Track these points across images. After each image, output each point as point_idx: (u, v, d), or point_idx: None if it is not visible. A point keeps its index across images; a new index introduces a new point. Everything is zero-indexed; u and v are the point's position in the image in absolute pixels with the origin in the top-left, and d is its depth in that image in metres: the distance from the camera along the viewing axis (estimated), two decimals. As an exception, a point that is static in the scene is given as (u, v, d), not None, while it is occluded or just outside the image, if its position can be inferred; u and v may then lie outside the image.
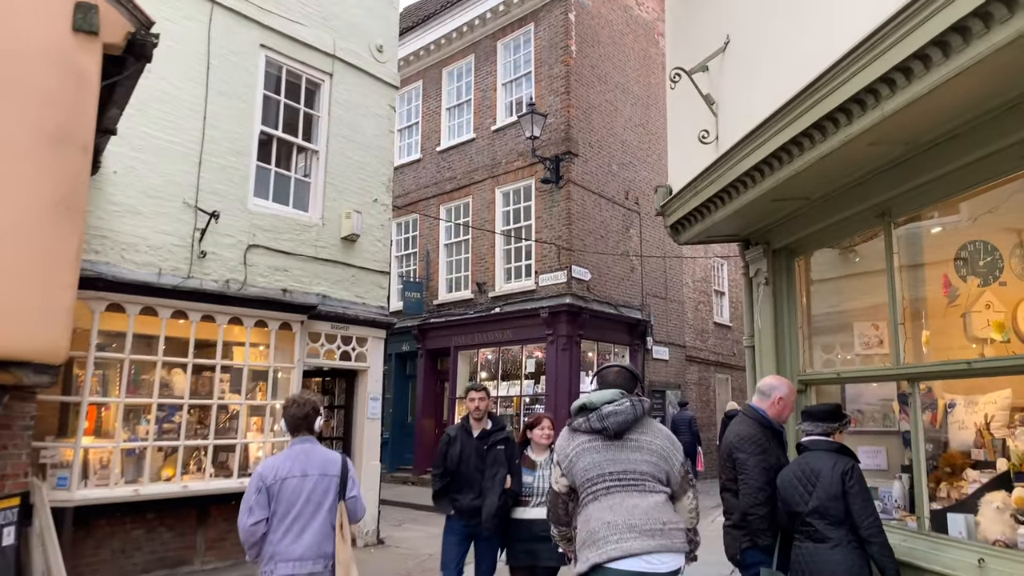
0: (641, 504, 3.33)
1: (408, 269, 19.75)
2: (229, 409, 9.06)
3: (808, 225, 5.29)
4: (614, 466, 3.42)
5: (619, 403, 3.50)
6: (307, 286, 9.97)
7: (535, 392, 16.39)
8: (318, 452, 4.13)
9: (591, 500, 3.41)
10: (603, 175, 17.31)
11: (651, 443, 3.50)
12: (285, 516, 3.91)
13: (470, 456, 5.82)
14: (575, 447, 3.53)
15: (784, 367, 5.62)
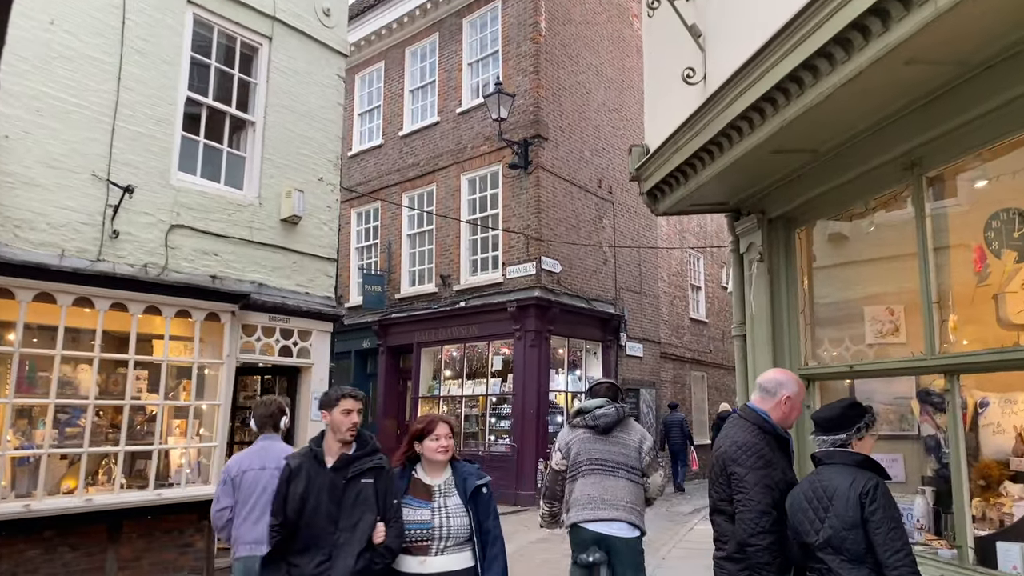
0: (613, 485, 4.63)
1: (369, 261, 18.67)
2: (147, 411, 7.97)
3: (812, 186, 4.37)
4: (599, 455, 4.73)
5: (607, 408, 4.90)
6: (240, 273, 8.89)
7: (502, 391, 15.41)
8: (277, 447, 4.73)
9: (580, 476, 4.74)
10: (575, 161, 16.37)
11: (628, 439, 4.83)
12: (245, 504, 4.51)
13: (320, 497, 3.58)
14: (573, 437, 4.95)
15: (782, 359, 4.70)
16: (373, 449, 3.77)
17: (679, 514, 13.59)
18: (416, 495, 3.63)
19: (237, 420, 9.79)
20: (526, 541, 10.94)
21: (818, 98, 3.30)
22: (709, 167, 4.33)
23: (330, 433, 3.76)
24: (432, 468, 3.71)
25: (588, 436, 4.83)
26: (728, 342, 22.96)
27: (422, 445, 3.69)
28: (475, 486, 3.63)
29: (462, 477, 3.68)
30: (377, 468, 3.69)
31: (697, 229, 21.94)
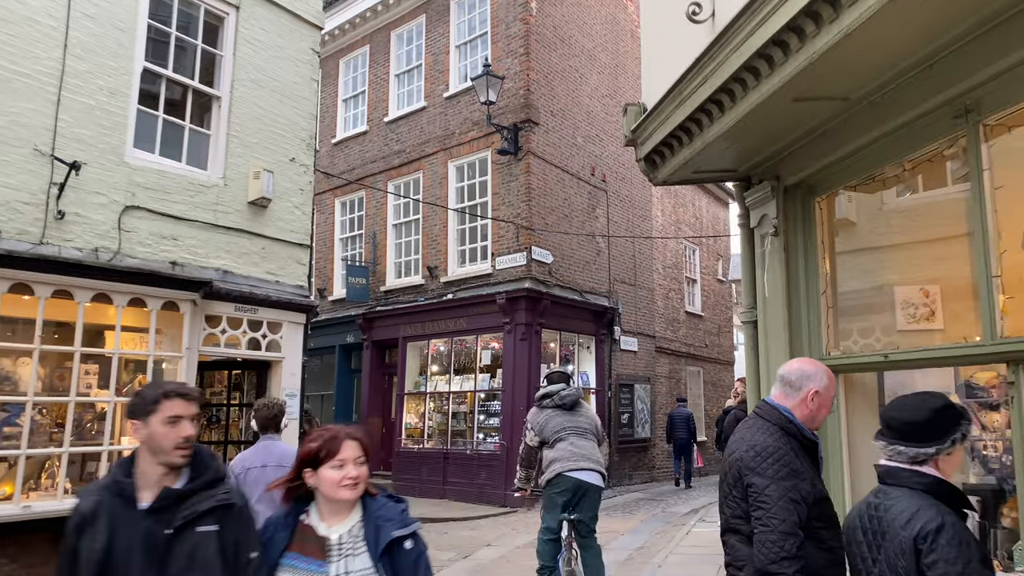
0: (587, 444, 5.95)
1: (353, 252, 17.99)
2: (97, 408, 7.30)
3: (839, 145, 3.73)
4: (571, 423, 5.98)
5: (569, 389, 6.23)
6: (204, 259, 8.22)
7: (491, 387, 14.75)
8: (278, 447, 4.98)
9: (559, 440, 5.89)
10: (567, 147, 15.71)
11: (587, 412, 6.33)
12: None
13: (131, 559, 2.31)
14: (546, 416, 6.14)
15: (800, 348, 4.06)
16: (216, 477, 2.44)
17: (675, 515, 12.97)
18: (304, 551, 2.39)
19: (203, 418, 9.11)
20: (513, 546, 10.31)
21: (856, 22, 2.66)
22: (717, 122, 3.69)
23: (146, 455, 2.41)
24: (332, 510, 2.44)
25: (557, 412, 6.13)
26: (724, 336, 22.35)
27: (317, 475, 2.40)
28: (392, 538, 2.40)
29: (374, 524, 2.42)
30: (223, 507, 2.38)
31: (693, 220, 21.31)
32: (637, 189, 18.26)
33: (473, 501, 13.97)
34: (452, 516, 12.97)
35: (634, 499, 15.09)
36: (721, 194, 23.21)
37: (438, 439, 15.37)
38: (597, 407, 16.06)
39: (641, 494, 15.90)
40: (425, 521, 12.84)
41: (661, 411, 18.58)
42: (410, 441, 15.86)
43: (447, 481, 14.67)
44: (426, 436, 15.64)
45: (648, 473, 17.87)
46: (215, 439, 9.07)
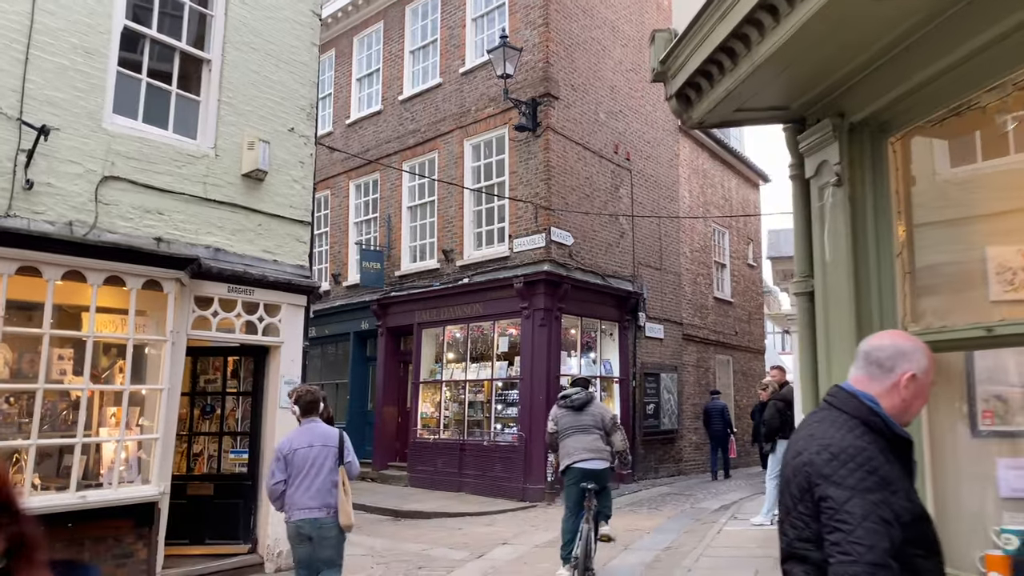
0: (587, 439, 7.17)
1: (367, 236, 17.35)
2: (72, 396, 6.70)
3: (923, 65, 2.96)
4: (576, 422, 7.27)
5: (580, 393, 7.53)
6: (193, 235, 7.59)
7: (509, 375, 14.05)
8: (321, 428, 5.50)
9: (566, 437, 7.27)
10: (588, 124, 14.91)
11: (593, 412, 7.39)
12: (296, 476, 5.27)
13: None
14: (560, 413, 7.47)
15: (869, 322, 3.30)
16: None
17: (705, 511, 12.21)
18: None
19: (197, 408, 8.51)
20: (531, 544, 9.62)
21: None
22: (771, 36, 2.92)
23: None
24: None
25: (568, 412, 7.42)
26: (755, 324, 21.46)
27: None
28: None
29: None
30: None
31: (722, 202, 20.42)
32: (663, 169, 17.42)
33: (490, 494, 13.31)
34: (468, 510, 12.32)
35: (660, 494, 14.34)
36: (751, 175, 22.27)
37: (454, 429, 14.71)
38: (620, 397, 15.34)
39: (668, 488, 15.14)
40: (440, 516, 12.23)
41: (689, 401, 17.78)
42: (426, 431, 15.22)
43: (463, 473, 14.02)
44: (442, 426, 15.00)
45: (675, 466, 17.10)
46: (210, 430, 8.46)
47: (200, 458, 8.39)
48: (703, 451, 18.16)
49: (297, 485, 5.25)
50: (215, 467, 8.36)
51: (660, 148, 17.43)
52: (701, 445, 18.14)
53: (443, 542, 9.98)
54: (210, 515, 8.15)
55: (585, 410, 7.33)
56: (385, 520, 12.01)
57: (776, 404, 10.11)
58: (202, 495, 8.18)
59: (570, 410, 7.34)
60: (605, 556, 8.76)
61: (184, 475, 8.24)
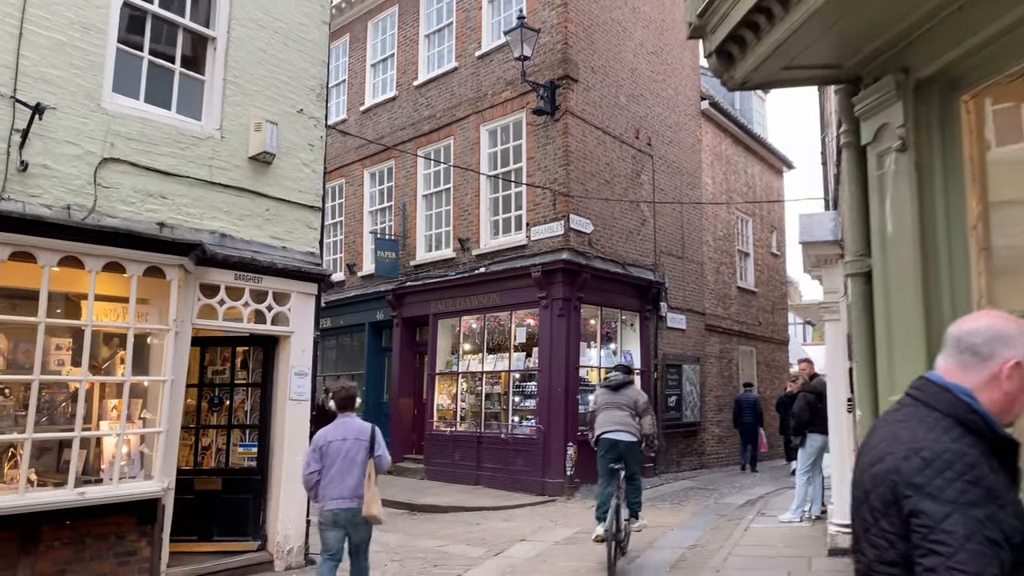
0: (619, 414, 7.86)
1: (382, 226, 17.03)
2: (71, 388, 6.42)
3: (1005, 7, 2.54)
4: (612, 400, 7.99)
5: (617, 376, 8.30)
6: (198, 220, 7.28)
7: (527, 367, 13.69)
8: (355, 423, 5.86)
9: (601, 412, 8.01)
10: (608, 107, 14.47)
11: (627, 393, 8.09)
12: (330, 468, 5.63)
13: None
14: (600, 392, 8.34)
15: (938, 305, 2.89)
16: None
17: (730, 507, 11.80)
18: None
19: (205, 400, 8.22)
20: (551, 541, 9.28)
21: None
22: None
23: None
24: None
25: (606, 392, 8.20)
26: (779, 314, 20.98)
27: None
28: None
29: None
30: None
31: (745, 189, 19.90)
32: (685, 154, 16.95)
33: (508, 488, 12.98)
34: (485, 504, 12.00)
35: (683, 488, 13.94)
36: (775, 161, 21.73)
37: (471, 422, 14.39)
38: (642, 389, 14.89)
39: (690, 482, 14.74)
40: (457, 510, 11.92)
41: (712, 393, 17.35)
42: (442, 423, 14.91)
43: (481, 466, 13.70)
44: (458, 418, 14.68)
45: (697, 459, 16.68)
46: (218, 423, 8.17)
47: (208, 452, 8.11)
48: (726, 444, 17.74)
49: (331, 476, 5.62)
50: (223, 461, 8.08)
51: (682, 133, 16.95)
52: (724, 438, 17.72)
53: (460, 538, 9.66)
54: (218, 511, 7.87)
55: (621, 391, 8.13)
56: (401, 514, 11.71)
57: (806, 396, 9.68)
58: (210, 490, 7.90)
59: (608, 390, 8.23)
60: (630, 555, 8.40)
61: (192, 469, 7.96)
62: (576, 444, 12.59)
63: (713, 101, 18.09)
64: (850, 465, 7.92)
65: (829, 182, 13.31)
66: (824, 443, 9.69)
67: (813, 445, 9.67)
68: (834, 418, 7.98)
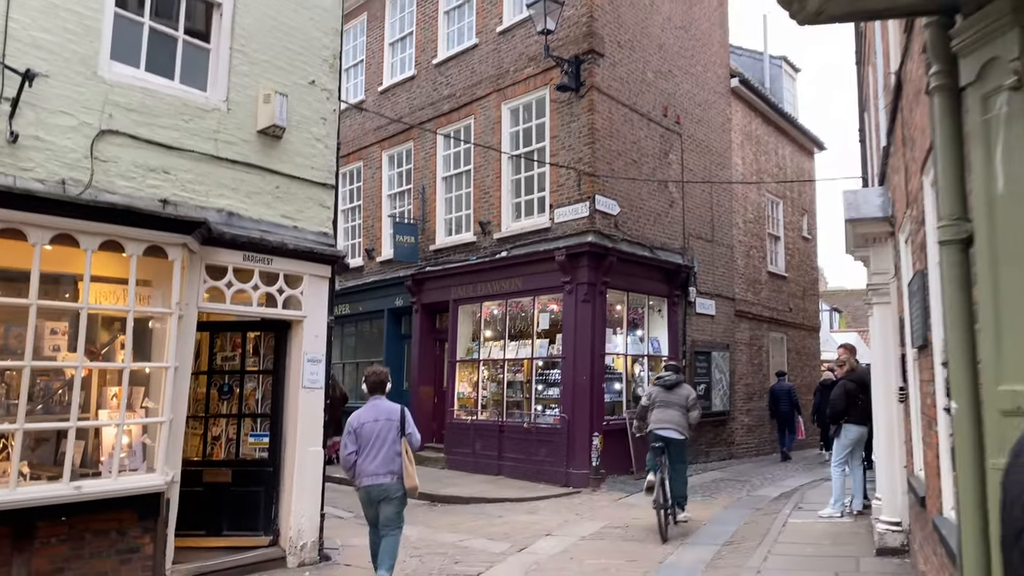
0: (671, 413, 8.88)
1: (401, 209, 16.58)
2: (66, 375, 6.04)
3: None
4: (666, 399, 8.99)
5: (670, 375, 9.29)
6: (203, 198, 6.85)
7: (550, 354, 13.22)
8: (385, 404, 6.34)
9: (655, 409, 8.97)
10: (635, 84, 13.89)
11: (680, 392, 9.07)
12: (365, 448, 6.12)
13: None
14: (656, 390, 9.21)
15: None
16: None
17: (763, 499, 11.28)
18: None
19: (214, 387, 7.84)
20: (578, 536, 8.83)
21: None
22: None
23: None
24: None
25: (662, 390, 9.18)
26: (810, 300, 20.33)
27: None
28: None
29: None
30: None
31: (776, 171, 19.22)
32: (715, 133, 16.32)
33: (532, 479, 12.54)
34: (508, 496, 11.57)
35: (713, 479, 13.43)
36: (806, 142, 20.99)
37: (493, 410, 13.95)
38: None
39: (720, 473, 14.22)
40: (479, 501, 11.50)
41: (741, 381, 16.78)
42: (463, 412, 14.49)
43: (503, 456, 13.27)
44: (480, 407, 14.25)
45: (727, 449, 16.14)
46: (228, 412, 7.78)
47: (218, 442, 7.72)
48: (755, 433, 17.19)
49: (365, 455, 6.10)
50: (234, 452, 7.69)
51: (711, 111, 16.32)
52: (753, 427, 17.17)
53: (482, 532, 9.24)
54: (228, 504, 7.49)
55: (674, 390, 9.18)
56: (421, 505, 11.30)
57: (845, 384, 9.12)
58: (219, 482, 7.52)
59: (663, 388, 9.24)
60: (662, 553, 7.93)
61: (200, 460, 7.59)
62: (602, 434, 12.11)
63: (743, 79, 17.41)
64: (900, 458, 7.39)
65: (869, 160, 12.67)
66: (861, 435, 9.14)
67: (848, 436, 9.13)
68: (883, 409, 7.43)
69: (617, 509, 10.62)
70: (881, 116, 8.27)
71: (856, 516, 9.10)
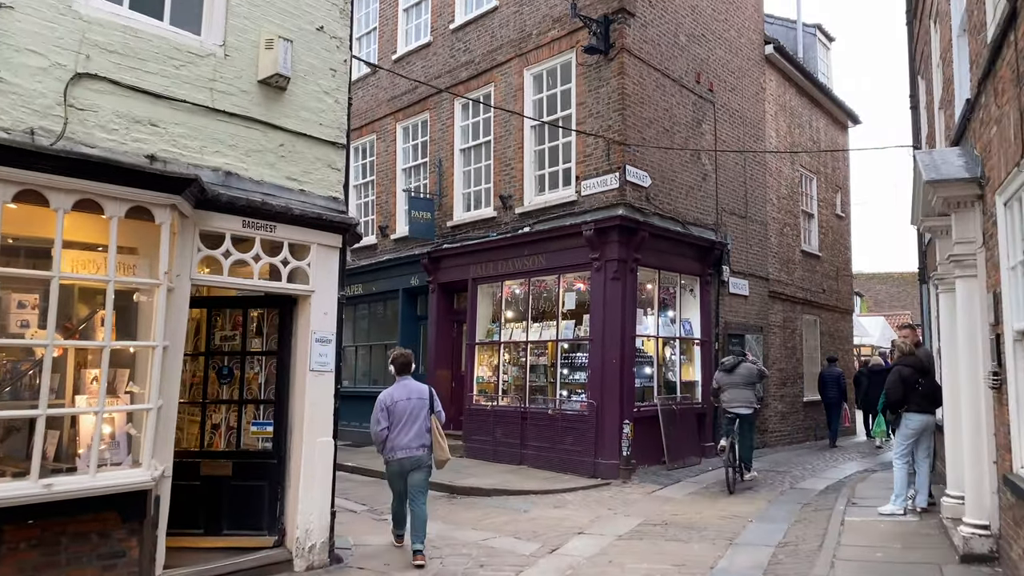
0: (737, 392, 10.82)
1: (417, 184, 15.73)
2: (36, 355, 5.24)
3: None
4: (729, 380, 10.90)
5: (731, 359, 11.19)
6: (196, 154, 6.03)
7: (576, 336, 12.38)
8: (414, 384, 7.10)
9: (726, 390, 10.89)
10: (668, 47, 12.95)
11: (741, 371, 10.87)
12: (398, 423, 6.82)
13: None
14: (719, 375, 11.15)
15: None
16: None
17: (809, 493, 10.43)
18: None
19: (213, 370, 7.04)
20: (614, 535, 8.02)
21: None
22: None
23: None
24: None
25: (724, 373, 11.05)
26: (843, 281, 19.40)
27: None
28: None
29: None
30: None
31: (810, 144, 18.22)
32: (748, 103, 15.35)
33: (557, 469, 11.75)
34: (532, 488, 10.78)
35: (749, 470, 12.58)
36: (840, 115, 19.96)
37: (514, 396, 13.14)
38: (702, 362, 13.60)
39: (756, 463, 13.28)
40: (501, 493, 10.68)
41: (775, 367, 15.87)
42: (482, 398, 13.68)
43: (525, 444, 12.47)
44: (500, 392, 13.44)
45: (760, 438, 15.20)
46: (229, 398, 6.98)
47: (218, 431, 6.94)
48: (789, 421, 16.31)
49: (399, 430, 6.83)
50: (235, 442, 6.91)
51: (745, 80, 15.33)
52: (787, 414, 16.29)
53: (507, 529, 8.45)
54: (228, 500, 6.72)
55: (735, 371, 10.94)
56: (440, 497, 10.54)
57: (900, 370, 8.24)
58: (219, 475, 6.74)
59: (725, 372, 11.06)
60: (710, 556, 7.10)
61: (198, 451, 6.82)
62: (632, 422, 11.28)
63: (778, 45, 16.39)
64: (989, 452, 6.52)
65: (922, 126, 11.72)
66: (925, 424, 8.27)
67: (909, 426, 8.25)
68: (968, 397, 6.53)
69: (652, 503, 9.80)
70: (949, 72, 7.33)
71: (921, 513, 8.23)
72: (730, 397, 10.82)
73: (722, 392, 10.92)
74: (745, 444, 10.94)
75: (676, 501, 9.93)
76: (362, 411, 15.68)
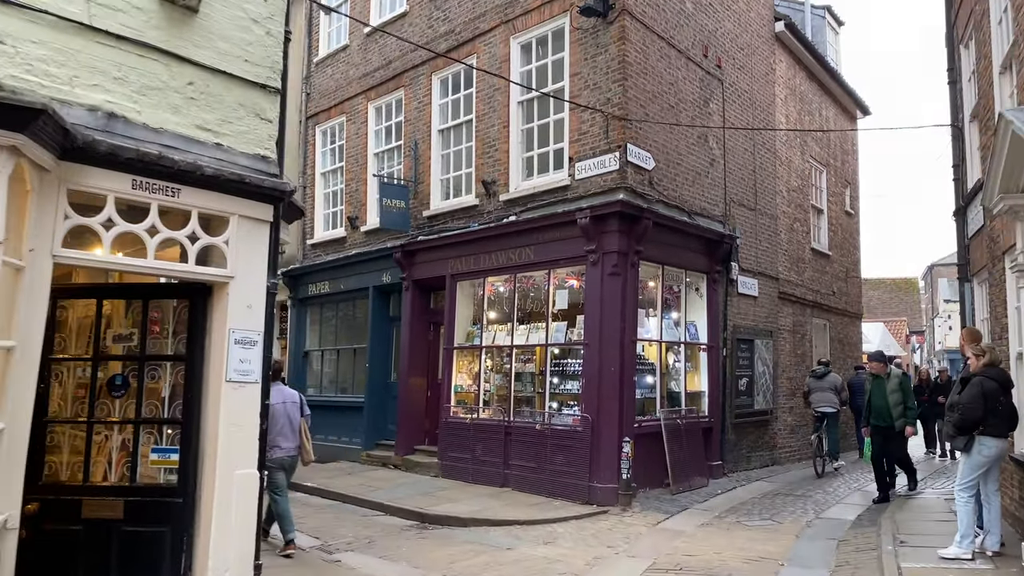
0: (824, 395, 13.00)
1: (390, 170, 14.13)
2: None
3: None
4: (818, 385, 13.11)
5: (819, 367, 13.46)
6: (66, 86, 4.42)
7: (569, 339, 10.82)
8: (286, 390, 7.97)
9: (814, 392, 13.12)
10: (673, 13, 11.46)
11: (828, 380, 13.10)
12: (274, 426, 7.19)
13: None
14: (810, 380, 13.45)
15: None
16: None
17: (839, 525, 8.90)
18: None
19: (101, 380, 5.39)
20: (618, 586, 6.43)
21: None
22: None
23: None
24: None
25: (814, 379, 13.12)
26: (852, 283, 17.99)
27: None
28: None
29: None
30: None
31: (819, 134, 16.79)
32: (758, 84, 13.90)
33: (545, 494, 10.18)
34: (517, 517, 9.23)
35: (762, 493, 11.06)
36: (850, 105, 18.56)
37: (497, 408, 11.55)
38: (708, 369, 12.09)
39: (767, 483, 11.85)
40: (480, 523, 9.03)
41: (784, 375, 14.40)
42: (461, 409, 12.08)
43: (509, 464, 10.89)
44: (481, 403, 11.85)
45: (769, 454, 13.77)
46: (122, 416, 5.34)
47: (105, 459, 5.31)
48: (798, 435, 14.81)
49: (277, 431, 7.50)
50: (128, 474, 5.27)
51: (754, 58, 13.88)
52: (797, 427, 14.81)
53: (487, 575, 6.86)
54: (118, 551, 5.08)
55: (824, 379, 12.97)
56: (407, 529, 8.95)
57: (984, 383, 6.71)
58: (106, 518, 5.09)
59: (815, 378, 13.14)
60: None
61: (78, 486, 5.17)
62: (633, 439, 9.72)
63: (789, 22, 14.96)
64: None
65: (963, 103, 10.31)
66: (1001, 451, 6.77)
67: (984, 453, 6.70)
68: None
69: (659, 538, 8.26)
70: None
71: (994, 558, 6.72)
72: (818, 399, 12.90)
73: (812, 395, 13.11)
74: (832, 438, 12.96)
75: (687, 536, 8.37)
76: (329, 423, 14.08)
